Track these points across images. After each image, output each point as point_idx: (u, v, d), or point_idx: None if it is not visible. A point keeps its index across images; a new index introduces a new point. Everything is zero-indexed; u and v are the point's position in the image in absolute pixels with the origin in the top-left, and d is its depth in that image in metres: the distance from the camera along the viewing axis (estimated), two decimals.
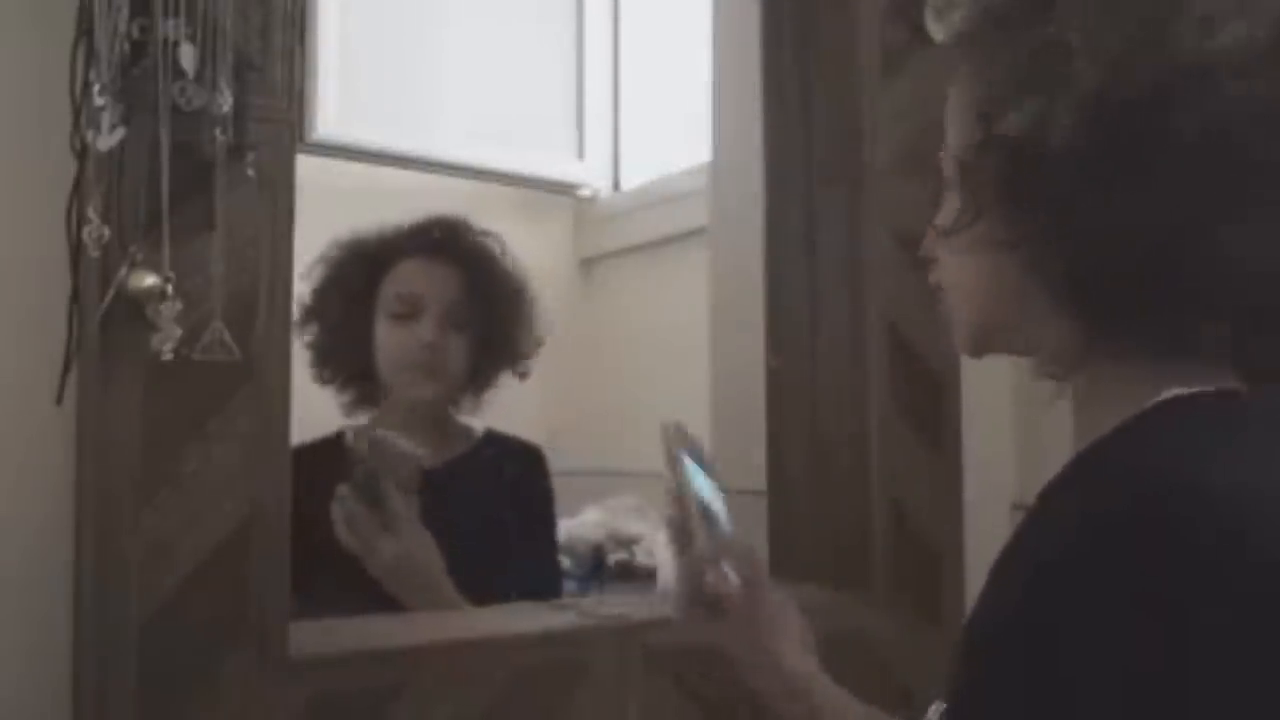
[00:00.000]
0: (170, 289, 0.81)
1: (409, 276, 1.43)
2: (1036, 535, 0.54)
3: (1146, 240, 0.54)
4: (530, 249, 1.56)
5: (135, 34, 0.80)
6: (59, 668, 0.85)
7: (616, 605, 1.20)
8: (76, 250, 0.82)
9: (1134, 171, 0.54)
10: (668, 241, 2.40)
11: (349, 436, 1.44)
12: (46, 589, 0.86)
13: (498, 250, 1.51)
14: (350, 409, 1.47)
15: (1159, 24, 0.54)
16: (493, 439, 1.52)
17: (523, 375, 1.52)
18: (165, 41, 0.80)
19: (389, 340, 1.41)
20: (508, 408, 1.56)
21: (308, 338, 1.43)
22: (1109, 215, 0.55)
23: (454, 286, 1.44)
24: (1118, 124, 0.54)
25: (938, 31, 0.64)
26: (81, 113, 0.81)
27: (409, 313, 1.40)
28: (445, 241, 1.47)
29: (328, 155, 2.20)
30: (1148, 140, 0.54)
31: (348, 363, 1.43)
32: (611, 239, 2.68)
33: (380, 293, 1.42)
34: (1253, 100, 0.53)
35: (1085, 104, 0.55)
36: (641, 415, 2.47)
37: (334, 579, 1.24)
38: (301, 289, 1.43)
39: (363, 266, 1.44)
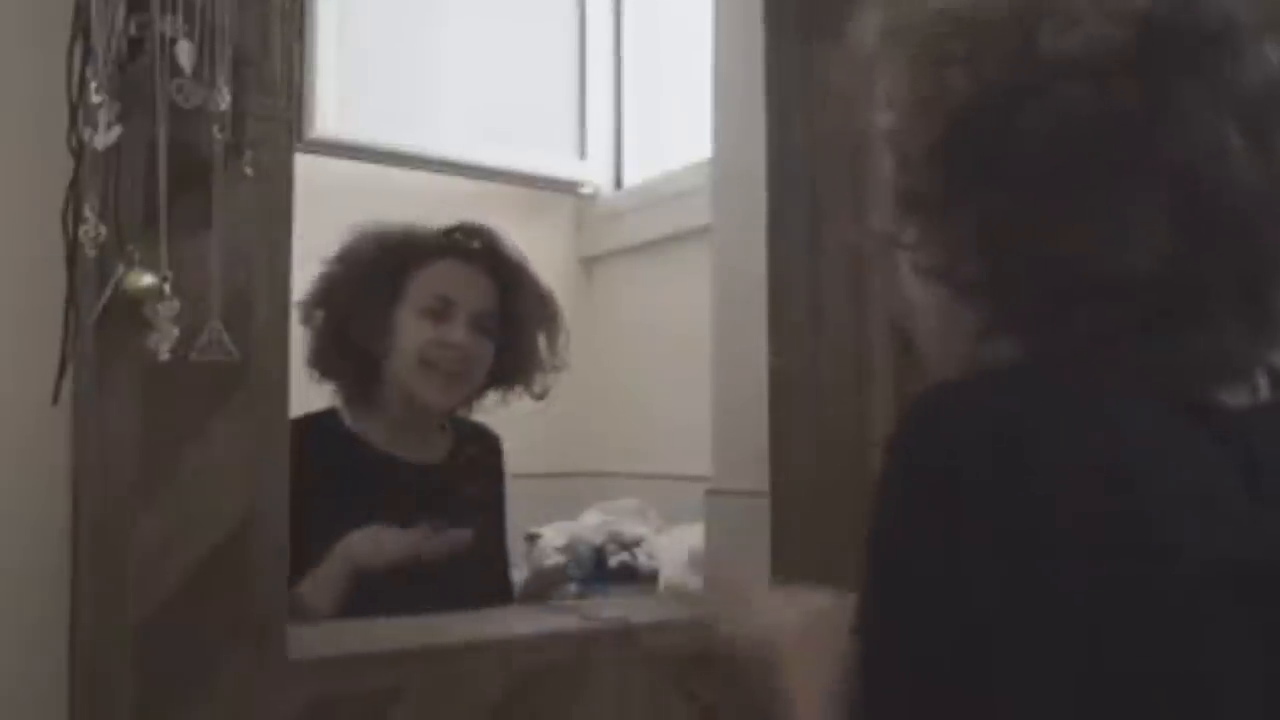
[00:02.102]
0: (168, 288, 0.81)
1: (444, 276, 1.42)
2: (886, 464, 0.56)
3: (1004, 237, 0.57)
4: (531, 248, 1.55)
5: (132, 31, 0.80)
6: (56, 669, 0.85)
7: (618, 608, 1.19)
8: (73, 249, 0.81)
9: (988, 172, 0.56)
10: (670, 240, 2.40)
11: (347, 418, 1.43)
12: (44, 590, 0.85)
13: (529, 266, 1.50)
14: (349, 403, 1.46)
15: (1027, 29, 0.56)
16: (460, 425, 1.52)
17: (539, 395, 1.52)
18: (163, 39, 0.80)
19: (415, 335, 1.39)
20: (507, 408, 1.56)
21: (316, 325, 1.41)
22: (970, 215, 0.57)
23: (486, 294, 1.44)
24: (973, 126, 0.57)
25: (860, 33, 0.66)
26: (78, 111, 0.81)
27: (441, 310, 1.39)
28: (483, 249, 1.47)
29: (326, 153, 2.20)
30: (1000, 140, 0.56)
31: (358, 354, 1.42)
32: (613, 237, 2.67)
33: (408, 289, 1.41)
34: (1104, 99, 0.53)
35: (950, 110, 0.57)
36: (643, 416, 2.48)
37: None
38: (319, 273, 1.43)
39: (395, 261, 1.43)
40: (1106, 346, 0.56)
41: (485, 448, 1.55)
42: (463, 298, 1.41)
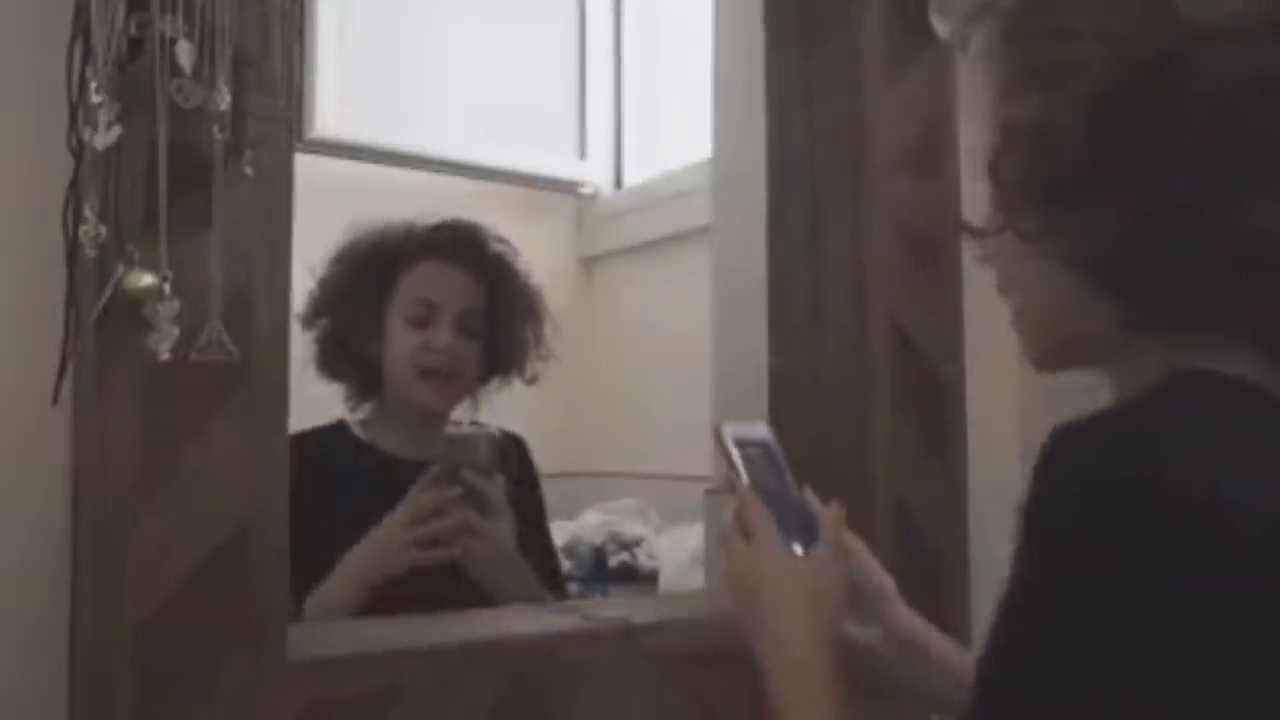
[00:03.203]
0: (168, 288, 0.81)
1: (428, 280, 1.42)
2: (1047, 493, 0.53)
3: (1162, 217, 0.54)
4: (531, 248, 1.56)
5: (132, 31, 0.80)
6: (56, 669, 0.84)
7: (618, 608, 1.19)
8: (73, 249, 0.81)
9: (1144, 149, 0.54)
10: (669, 240, 2.40)
11: (354, 428, 1.44)
12: (44, 590, 0.85)
13: (516, 261, 1.50)
14: (351, 402, 1.47)
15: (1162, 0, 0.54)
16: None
17: (530, 381, 1.53)
18: (163, 39, 0.80)
19: (404, 343, 1.40)
20: (508, 407, 1.56)
21: (319, 330, 1.43)
22: (1124, 196, 0.55)
23: (471, 294, 1.44)
24: (1125, 103, 0.54)
25: (941, 28, 0.64)
26: (78, 111, 0.81)
27: (425, 316, 1.40)
28: (468, 248, 1.46)
29: (327, 153, 2.20)
30: (1154, 117, 0.53)
31: (359, 357, 1.43)
32: (613, 237, 2.67)
33: (398, 292, 1.42)
34: (1258, 68, 0.52)
35: (1093, 87, 0.54)
36: (643, 416, 2.48)
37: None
38: (315, 280, 1.43)
39: (382, 263, 1.43)
40: (1261, 335, 0.55)
41: (511, 451, 1.54)
42: (446, 299, 1.41)
